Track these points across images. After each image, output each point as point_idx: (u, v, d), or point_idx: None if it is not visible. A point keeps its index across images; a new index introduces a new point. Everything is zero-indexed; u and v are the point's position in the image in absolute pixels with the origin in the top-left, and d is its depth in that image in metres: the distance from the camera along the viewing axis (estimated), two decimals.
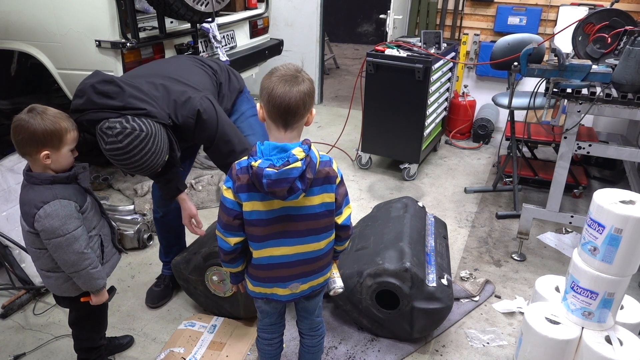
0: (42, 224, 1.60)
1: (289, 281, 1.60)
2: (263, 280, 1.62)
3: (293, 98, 1.41)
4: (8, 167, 2.82)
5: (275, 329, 1.84)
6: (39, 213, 1.60)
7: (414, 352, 2.25)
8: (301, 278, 1.61)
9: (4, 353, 2.21)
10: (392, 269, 2.14)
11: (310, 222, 1.54)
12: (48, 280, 1.78)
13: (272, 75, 1.45)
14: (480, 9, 4.75)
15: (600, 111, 2.52)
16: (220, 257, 1.65)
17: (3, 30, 3.12)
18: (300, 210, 1.51)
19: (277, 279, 1.60)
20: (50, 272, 1.74)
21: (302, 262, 1.59)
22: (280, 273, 1.59)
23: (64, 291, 1.79)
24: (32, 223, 1.62)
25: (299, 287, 1.62)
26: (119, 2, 2.82)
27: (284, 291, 1.62)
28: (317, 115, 5.46)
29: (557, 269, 2.86)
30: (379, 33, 9.17)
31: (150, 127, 1.78)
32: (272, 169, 1.38)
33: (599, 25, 2.81)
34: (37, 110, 1.60)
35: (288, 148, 1.43)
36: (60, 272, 1.72)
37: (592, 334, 1.87)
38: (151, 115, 1.82)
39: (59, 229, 1.61)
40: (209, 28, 3.51)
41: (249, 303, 2.30)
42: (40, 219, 1.60)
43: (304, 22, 5.45)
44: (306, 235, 1.55)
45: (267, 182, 1.38)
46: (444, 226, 2.77)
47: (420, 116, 3.69)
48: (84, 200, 1.73)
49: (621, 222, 1.73)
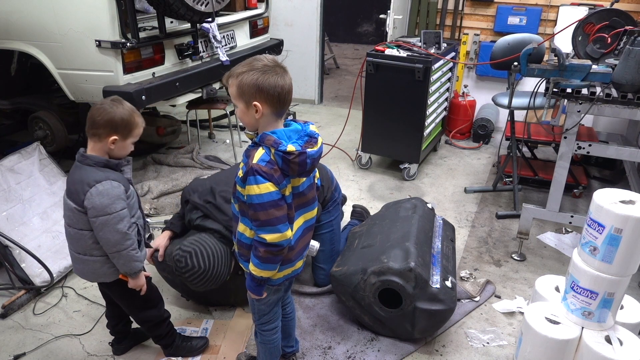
0: (93, 201, 1.69)
1: (305, 249, 1.74)
2: (291, 260, 1.69)
3: (287, 86, 1.52)
4: (8, 167, 2.82)
5: (279, 314, 1.90)
6: (91, 190, 1.70)
7: (414, 351, 2.25)
8: (308, 246, 1.77)
9: (4, 353, 2.21)
10: (397, 268, 2.14)
11: (312, 190, 1.70)
12: (83, 265, 1.84)
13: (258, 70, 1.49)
14: (480, 9, 4.74)
15: (600, 111, 2.52)
16: (275, 261, 1.60)
17: (3, 30, 3.12)
18: (308, 181, 1.66)
19: (301, 251, 1.72)
20: (86, 256, 1.81)
21: (309, 228, 1.74)
22: (302, 244, 1.71)
23: (99, 276, 1.86)
24: (81, 201, 1.71)
25: (306, 255, 1.77)
26: (119, 2, 2.83)
27: (301, 262, 1.75)
28: (317, 115, 5.46)
29: (557, 269, 2.86)
30: (379, 33, 9.17)
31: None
32: (312, 149, 1.51)
33: (599, 25, 2.81)
34: (119, 101, 1.78)
35: (299, 129, 1.57)
36: (98, 256, 1.80)
37: (592, 333, 1.87)
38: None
39: (107, 207, 1.70)
40: (209, 28, 3.51)
41: (238, 290, 2.28)
42: (92, 196, 1.69)
43: (304, 22, 5.45)
44: (312, 202, 1.71)
45: (311, 161, 1.51)
46: (452, 229, 2.77)
47: (420, 116, 3.69)
48: (128, 189, 1.83)
49: (621, 222, 1.73)
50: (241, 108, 1.54)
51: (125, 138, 1.77)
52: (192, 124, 4.57)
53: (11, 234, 2.57)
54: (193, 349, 2.18)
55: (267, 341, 1.89)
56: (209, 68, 3.58)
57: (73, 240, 1.82)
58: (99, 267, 1.83)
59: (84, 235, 1.78)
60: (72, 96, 3.20)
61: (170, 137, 4.35)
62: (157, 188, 3.46)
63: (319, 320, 2.41)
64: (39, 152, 3.01)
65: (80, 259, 1.83)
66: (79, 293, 2.60)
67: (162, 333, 2.12)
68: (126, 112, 1.75)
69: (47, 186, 2.91)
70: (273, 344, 1.90)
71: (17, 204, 2.72)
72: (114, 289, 1.94)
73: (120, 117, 1.73)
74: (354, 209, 3.13)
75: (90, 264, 1.82)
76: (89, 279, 1.90)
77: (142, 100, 3.00)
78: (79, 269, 1.88)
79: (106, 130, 1.72)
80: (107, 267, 1.83)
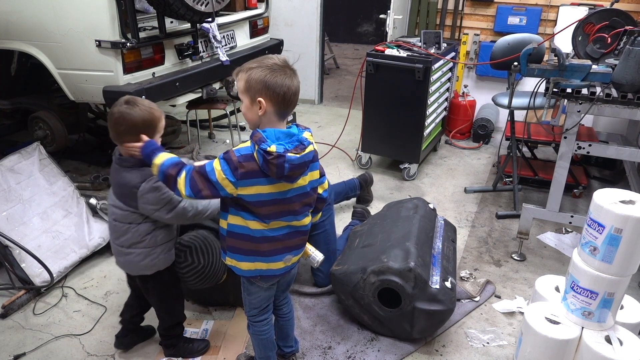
0: (147, 198, 1.79)
1: (290, 253, 1.73)
2: (263, 253, 1.68)
3: (294, 88, 1.52)
4: (8, 167, 2.82)
5: (270, 307, 1.94)
6: (141, 189, 1.78)
7: (413, 352, 2.25)
8: (293, 251, 1.74)
9: (4, 353, 2.21)
10: (396, 267, 2.15)
11: (304, 199, 1.66)
12: (128, 257, 1.91)
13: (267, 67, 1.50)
14: (480, 8, 4.74)
15: (600, 111, 2.52)
16: (165, 182, 1.66)
17: (3, 30, 3.12)
18: (297, 190, 1.62)
19: (280, 250, 1.70)
20: (130, 249, 1.89)
21: (299, 233, 1.72)
22: (283, 245, 1.69)
23: (142, 269, 1.93)
24: (135, 203, 1.81)
25: (291, 260, 1.75)
26: (119, 2, 2.83)
27: (280, 264, 1.72)
28: (317, 115, 5.46)
29: (557, 269, 2.86)
30: (379, 33, 9.17)
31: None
32: (294, 154, 1.48)
33: (599, 25, 2.81)
34: (134, 102, 1.78)
35: (293, 133, 1.54)
36: (141, 248, 1.88)
37: (592, 333, 1.87)
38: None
39: (162, 194, 1.80)
40: (209, 28, 3.51)
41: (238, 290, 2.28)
42: (144, 192, 1.78)
43: (304, 22, 5.45)
44: (300, 213, 1.68)
45: (290, 166, 1.47)
46: (453, 230, 2.78)
47: (420, 116, 3.69)
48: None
49: (621, 222, 1.73)
50: (246, 103, 1.55)
51: (153, 136, 1.79)
52: (192, 124, 4.57)
53: (11, 234, 2.57)
54: (194, 351, 2.19)
55: (259, 332, 1.94)
56: (209, 68, 3.58)
57: (118, 234, 1.90)
58: (141, 259, 1.90)
59: (130, 228, 1.86)
60: (72, 96, 3.20)
61: (170, 137, 4.35)
62: None
63: (319, 320, 2.41)
64: (39, 152, 3.01)
65: (124, 252, 1.91)
66: (79, 293, 2.60)
67: (174, 334, 2.15)
68: (145, 112, 1.77)
69: (47, 186, 2.91)
70: (264, 335, 1.94)
71: (17, 204, 2.72)
72: (151, 282, 1.99)
73: (141, 119, 1.75)
74: (355, 209, 3.14)
75: (134, 256, 1.89)
76: (131, 271, 1.98)
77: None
78: (122, 262, 1.95)
79: (133, 136, 1.75)
80: (149, 260, 1.91)
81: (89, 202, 3.06)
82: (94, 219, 2.94)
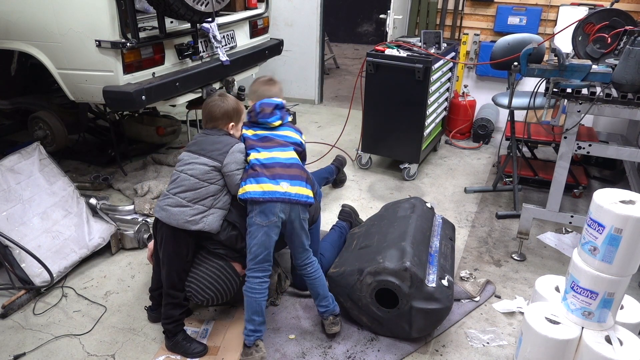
0: (235, 156, 2.18)
1: (290, 179, 2.13)
2: (266, 175, 2.11)
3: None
4: (8, 167, 2.82)
5: (266, 267, 2.12)
6: (234, 148, 2.19)
7: (413, 352, 2.25)
8: (288, 180, 2.12)
9: (4, 353, 2.21)
10: (392, 267, 2.15)
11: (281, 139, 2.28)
12: (183, 209, 2.11)
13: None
14: (480, 8, 4.75)
15: (600, 111, 2.52)
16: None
17: (3, 30, 3.12)
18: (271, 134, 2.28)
19: (280, 175, 2.12)
20: (192, 203, 2.12)
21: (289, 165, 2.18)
22: (281, 170, 2.14)
23: (188, 222, 2.12)
24: (219, 156, 2.15)
25: (288, 187, 2.10)
26: (119, 2, 2.82)
27: (287, 187, 2.10)
28: (317, 115, 5.46)
29: (557, 269, 2.86)
30: (379, 33, 9.17)
31: None
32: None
33: (599, 25, 2.81)
34: (225, 95, 2.31)
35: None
36: (201, 205, 2.13)
37: (592, 333, 1.87)
38: None
39: (244, 159, 2.23)
40: (209, 28, 3.51)
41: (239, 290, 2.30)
42: (235, 151, 2.19)
43: (304, 22, 5.45)
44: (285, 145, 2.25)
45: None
46: (451, 228, 2.77)
47: (420, 116, 3.69)
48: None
49: (621, 222, 1.73)
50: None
51: (237, 123, 2.29)
52: (192, 124, 4.57)
53: (11, 234, 2.57)
54: (191, 351, 2.19)
55: (249, 289, 2.09)
56: (209, 68, 3.58)
57: (186, 188, 2.13)
58: (194, 214, 2.11)
59: (203, 185, 2.13)
60: (72, 96, 3.20)
61: (170, 137, 4.35)
62: (157, 188, 3.46)
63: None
64: (39, 152, 3.01)
65: (182, 204, 2.11)
66: (79, 293, 2.60)
67: (175, 314, 2.20)
68: (234, 103, 2.28)
69: (47, 186, 2.91)
70: (253, 293, 2.08)
71: (17, 204, 2.72)
72: (181, 238, 2.14)
73: (232, 108, 2.26)
74: (343, 208, 3.06)
75: (188, 209, 2.11)
76: (177, 221, 2.11)
77: (142, 100, 3.00)
78: (173, 212, 2.11)
79: (225, 121, 2.26)
80: (199, 216, 2.12)
81: (89, 202, 3.06)
82: (94, 219, 2.94)
